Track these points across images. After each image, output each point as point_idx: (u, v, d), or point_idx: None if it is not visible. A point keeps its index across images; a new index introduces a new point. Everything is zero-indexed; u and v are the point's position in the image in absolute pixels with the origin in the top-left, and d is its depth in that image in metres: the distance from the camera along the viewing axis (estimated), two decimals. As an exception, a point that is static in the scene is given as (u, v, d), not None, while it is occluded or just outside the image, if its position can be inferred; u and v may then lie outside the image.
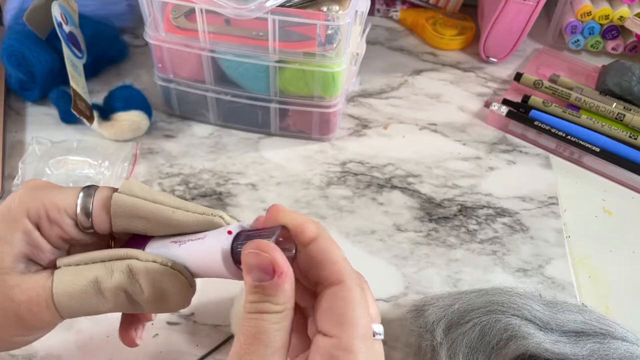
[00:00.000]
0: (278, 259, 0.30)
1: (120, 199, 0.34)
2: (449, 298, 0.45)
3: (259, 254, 0.30)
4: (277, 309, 0.29)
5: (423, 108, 0.66)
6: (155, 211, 0.34)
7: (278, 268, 0.29)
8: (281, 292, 0.30)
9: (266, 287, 0.29)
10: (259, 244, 0.30)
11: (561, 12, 0.72)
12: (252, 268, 0.30)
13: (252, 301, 0.30)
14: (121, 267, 0.33)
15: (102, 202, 0.34)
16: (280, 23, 0.50)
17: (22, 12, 0.58)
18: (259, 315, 0.29)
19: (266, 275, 0.29)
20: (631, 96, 0.64)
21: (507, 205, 0.56)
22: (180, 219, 0.34)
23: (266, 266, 0.29)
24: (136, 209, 0.34)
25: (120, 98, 0.59)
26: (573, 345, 0.41)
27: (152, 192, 0.35)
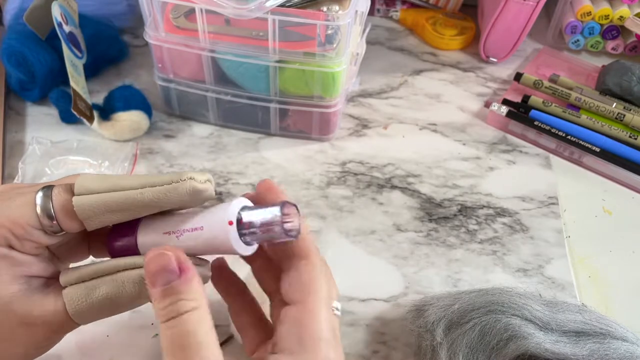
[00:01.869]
0: (182, 256, 0.29)
1: (81, 202, 0.32)
2: (449, 298, 0.45)
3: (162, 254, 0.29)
4: (193, 305, 0.29)
5: (423, 108, 0.66)
6: (121, 201, 0.32)
7: (182, 264, 0.29)
8: (192, 286, 0.29)
9: (175, 285, 0.29)
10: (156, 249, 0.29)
11: (561, 12, 0.72)
12: (157, 273, 0.29)
13: (164, 307, 0.29)
14: (133, 278, 0.32)
15: (63, 208, 0.32)
16: (280, 23, 0.50)
17: (22, 12, 0.58)
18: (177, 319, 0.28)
19: (173, 275, 0.29)
20: (631, 96, 0.64)
21: (507, 205, 0.56)
22: (151, 198, 0.31)
23: (171, 266, 0.29)
24: (102, 206, 0.32)
25: (120, 98, 0.59)
26: (573, 345, 0.41)
27: (110, 179, 0.32)
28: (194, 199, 0.32)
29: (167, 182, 0.31)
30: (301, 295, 0.32)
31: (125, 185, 0.32)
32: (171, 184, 0.31)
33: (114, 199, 0.31)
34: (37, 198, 0.32)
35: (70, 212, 0.32)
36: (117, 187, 0.32)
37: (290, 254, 0.34)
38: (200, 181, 0.32)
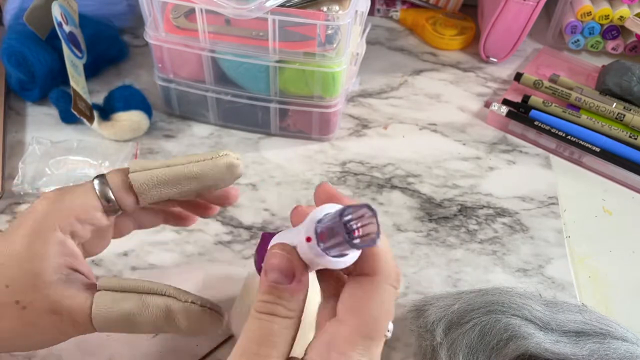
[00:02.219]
0: (300, 267, 0.30)
1: (137, 177, 0.36)
2: (449, 298, 0.45)
3: (284, 255, 0.30)
4: (288, 314, 0.29)
5: (423, 108, 0.66)
6: (171, 174, 0.36)
7: (298, 275, 0.30)
8: (295, 298, 0.30)
9: (282, 290, 0.29)
10: (285, 247, 0.30)
11: (561, 12, 0.72)
12: (272, 268, 0.30)
13: (265, 301, 0.30)
14: (158, 305, 0.35)
15: (121, 186, 0.36)
16: (280, 23, 0.50)
17: (22, 12, 0.58)
18: (269, 317, 0.29)
19: (285, 279, 0.29)
20: (631, 96, 0.64)
21: (507, 205, 0.56)
22: (195, 170, 0.36)
23: (287, 270, 0.29)
24: (155, 179, 0.36)
25: (120, 98, 0.59)
26: (573, 345, 0.41)
27: (158, 160, 0.37)
28: (229, 173, 0.37)
29: (208, 157, 0.37)
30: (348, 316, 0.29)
31: (172, 162, 0.37)
32: (212, 159, 0.37)
33: (165, 172, 0.36)
34: (95, 184, 0.36)
35: (127, 189, 0.36)
36: (166, 165, 0.37)
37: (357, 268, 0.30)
38: (235, 157, 0.37)
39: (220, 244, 0.52)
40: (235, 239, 0.52)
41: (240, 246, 0.52)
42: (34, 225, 0.35)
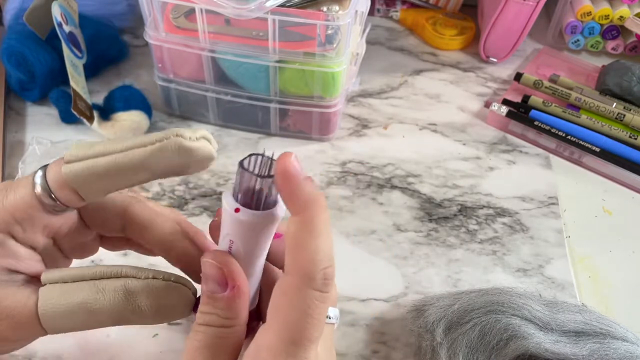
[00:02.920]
0: (233, 272, 0.28)
1: (69, 170, 0.30)
2: (449, 298, 0.45)
3: (213, 264, 0.28)
4: (224, 322, 0.28)
5: (423, 108, 0.66)
6: (107, 165, 0.29)
7: (231, 281, 0.28)
8: (232, 306, 0.28)
9: (217, 299, 0.28)
10: (215, 254, 0.29)
11: (561, 12, 0.72)
12: (206, 278, 0.29)
13: (202, 311, 0.29)
14: (115, 287, 0.31)
15: (56, 179, 0.30)
16: (280, 23, 0.50)
17: (22, 12, 0.58)
18: (206, 328, 0.28)
19: (219, 287, 0.28)
20: (631, 96, 0.64)
21: (507, 205, 0.56)
22: (137, 159, 0.29)
23: (219, 277, 0.28)
24: (89, 171, 0.29)
25: (120, 98, 0.59)
26: (573, 345, 0.41)
27: (99, 145, 0.30)
28: (186, 158, 0.29)
29: (152, 141, 0.29)
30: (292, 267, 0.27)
31: (113, 149, 0.30)
32: (155, 143, 0.29)
33: (100, 163, 0.29)
34: (36, 177, 0.31)
35: (63, 183, 0.30)
36: (105, 152, 0.30)
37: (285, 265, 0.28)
38: (189, 138, 0.29)
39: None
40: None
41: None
42: None
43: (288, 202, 0.27)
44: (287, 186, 0.26)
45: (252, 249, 0.29)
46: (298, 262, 0.26)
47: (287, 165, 0.26)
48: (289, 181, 0.26)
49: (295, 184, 0.26)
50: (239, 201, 0.28)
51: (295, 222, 0.26)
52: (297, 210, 0.26)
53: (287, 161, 0.26)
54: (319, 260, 0.26)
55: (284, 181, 0.26)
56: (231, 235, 0.29)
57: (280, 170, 0.26)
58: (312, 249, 0.26)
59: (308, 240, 0.26)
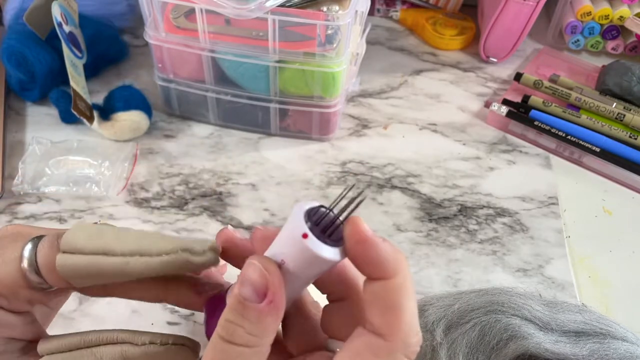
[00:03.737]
0: (276, 285, 0.25)
1: (63, 262, 0.28)
2: (449, 298, 0.45)
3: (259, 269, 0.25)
4: (248, 340, 0.25)
5: (423, 108, 0.66)
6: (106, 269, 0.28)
7: (270, 295, 0.25)
8: (262, 322, 0.25)
9: (248, 308, 0.25)
10: (264, 260, 0.26)
11: (561, 12, 0.72)
12: (245, 281, 0.25)
13: (227, 320, 0.25)
14: (113, 356, 0.29)
15: (47, 266, 0.28)
16: (280, 23, 0.50)
17: (22, 12, 0.58)
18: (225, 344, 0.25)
19: (255, 296, 0.25)
20: (631, 96, 0.64)
21: (507, 205, 0.56)
22: (138, 270, 0.27)
23: (260, 285, 0.25)
24: (85, 270, 0.28)
25: (120, 98, 0.59)
26: (573, 345, 0.41)
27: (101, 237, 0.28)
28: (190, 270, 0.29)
29: (158, 252, 0.28)
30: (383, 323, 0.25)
31: (115, 248, 0.28)
32: (162, 255, 0.27)
33: (99, 265, 0.28)
34: (24, 251, 0.29)
35: (54, 270, 0.28)
36: (106, 250, 0.28)
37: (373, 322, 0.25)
38: (198, 252, 0.28)
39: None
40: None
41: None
42: None
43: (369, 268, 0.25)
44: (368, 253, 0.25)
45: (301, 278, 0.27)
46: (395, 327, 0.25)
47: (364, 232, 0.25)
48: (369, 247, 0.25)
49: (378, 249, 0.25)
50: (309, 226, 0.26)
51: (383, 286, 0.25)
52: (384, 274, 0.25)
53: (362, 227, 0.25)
54: (415, 325, 0.25)
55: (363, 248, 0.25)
56: (285, 256, 0.26)
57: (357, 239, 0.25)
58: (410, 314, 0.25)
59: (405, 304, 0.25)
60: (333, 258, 0.26)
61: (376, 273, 0.25)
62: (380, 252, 0.25)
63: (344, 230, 0.26)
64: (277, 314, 0.25)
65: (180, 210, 0.54)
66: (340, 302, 0.29)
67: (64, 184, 0.55)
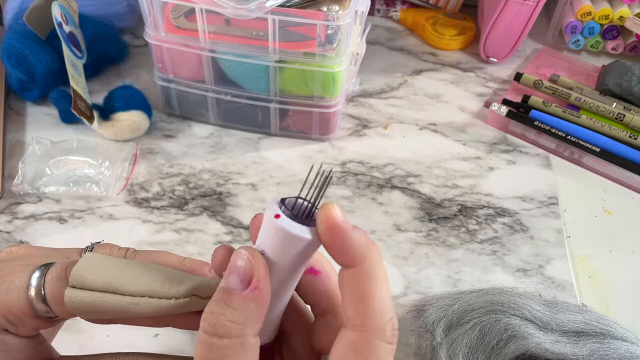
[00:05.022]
0: (260, 272, 0.25)
1: (72, 298, 0.28)
2: (449, 298, 0.45)
3: (245, 256, 0.26)
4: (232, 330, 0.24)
5: (423, 108, 0.66)
6: (113, 308, 0.28)
7: (255, 282, 0.25)
8: (246, 308, 0.24)
9: (232, 295, 0.24)
10: (249, 249, 0.26)
11: (561, 12, 0.72)
12: (232, 271, 0.25)
13: (210, 311, 0.25)
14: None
15: (55, 298, 0.29)
16: (280, 23, 0.50)
17: (22, 12, 0.58)
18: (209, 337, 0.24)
19: (240, 284, 0.25)
20: (631, 96, 0.64)
21: (507, 205, 0.56)
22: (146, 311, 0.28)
23: (245, 273, 0.25)
24: (92, 307, 0.28)
25: (120, 98, 0.59)
26: (573, 345, 0.41)
27: (110, 272, 0.28)
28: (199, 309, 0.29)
29: (168, 295, 0.28)
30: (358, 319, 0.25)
31: (123, 286, 0.28)
32: (172, 299, 0.28)
33: (107, 304, 0.28)
34: (32, 279, 0.29)
35: (62, 303, 0.28)
36: (114, 288, 0.28)
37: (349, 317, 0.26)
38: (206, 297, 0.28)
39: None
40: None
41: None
42: None
43: (339, 255, 0.25)
44: (337, 239, 0.25)
45: (283, 266, 0.27)
46: (365, 315, 0.25)
47: (334, 217, 0.25)
48: (338, 234, 0.25)
49: (346, 236, 0.25)
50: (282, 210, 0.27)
51: (352, 275, 0.25)
52: (353, 262, 0.25)
53: (332, 213, 0.25)
54: (387, 311, 0.25)
55: (332, 234, 0.25)
56: (265, 244, 0.27)
57: (327, 223, 0.25)
58: (378, 300, 0.25)
59: (373, 292, 0.25)
60: (304, 235, 0.26)
61: (345, 261, 0.25)
62: (349, 239, 0.25)
63: (317, 214, 0.25)
64: (261, 300, 0.25)
65: (180, 210, 0.54)
66: (325, 316, 0.29)
67: (64, 184, 0.55)
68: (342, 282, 0.25)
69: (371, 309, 0.25)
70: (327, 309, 0.29)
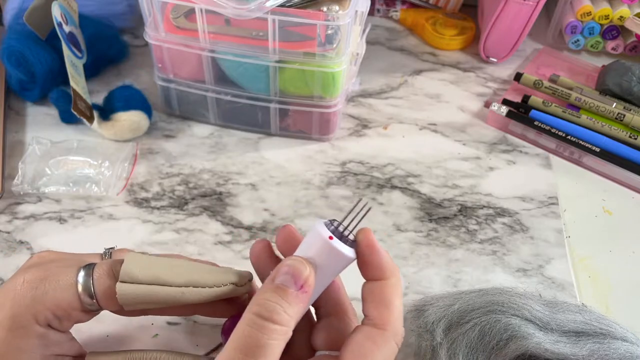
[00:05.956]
0: (311, 278, 0.30)
1: (123, 292, 0.32)
2: (449, 298, 0.45)
3: (302, 262, 0.31)
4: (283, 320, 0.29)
5: (423, 108, 0.66)
6: (163, 298, 0.32)
7: (307, 286, 0.30)
8: (297, 305, 0.30)
9: (287, 292, 0.29)
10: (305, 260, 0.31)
11: (561, 12, 0.72)
12: (284, 272, 0.30)
13: (266, 299, 0.29)
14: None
15: (105, 293, 0.33)
16: (280, 23, 0.50)
17: (22, 12, 0.58)
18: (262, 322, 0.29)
19: (292, 284, 0.30)
20: (631, 96, 0.64)
21: (507, 205, 0.56)
22: (192, 299, 0.33)
23: (298, 277, 0.30)
24: (144, 299, 0.32)
25: (120, 98, 0.59)
26: (573, 345, 0.41)
27: (155, 267, 0.33)
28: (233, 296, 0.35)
29: (210, 284, 0.33)
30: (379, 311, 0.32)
31: (169, 279, 0.33)
32: (213, 287, 0.33)
33: (156, 294, 0.32)
34: (79, 277, 0.33)
35: (112, 297, 0.33)
36: (162, 280, 0.32)
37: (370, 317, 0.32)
38: (241, 284, 0.34)
39: (220, 244, 0.52)
40: (235, 239, 0.52)
41: (240, 246, 0.52)
42: (12, 319, 0.32)
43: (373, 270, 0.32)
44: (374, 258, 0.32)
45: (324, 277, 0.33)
46: (388, 318, 0.31)
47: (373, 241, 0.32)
48: (376, 254, 0.32)
49: (381, 256, 0.32)
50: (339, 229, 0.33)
51: (381, 285, 0.32)
52: (383, 276, 0.32)
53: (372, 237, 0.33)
54: (402, 319, 0.32)
55: (371, 253, 0.32)
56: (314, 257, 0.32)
57: (367, 243, 0.32)
58: (399, 309, 0.32)
59: (396, 301, 0.32)
60: (352, 256, 0.32)
61: (376, 274, 0.32)
62: (382, 258, 0.32)
63: (357, 236, 0.33)
64: (306, 302, 0.30)
65: (180, 210, 0.54)
66: (330, 318, 0.34)
67: (64, 184, 0.55)
68: (370, 291, 0.32)
69: (393, 314, 0.31)
70: (332, 313, 0.35)
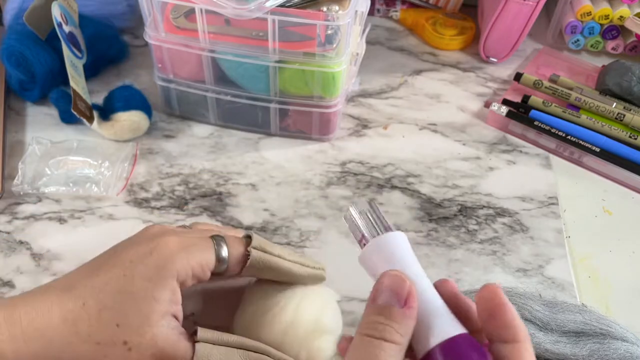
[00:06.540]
0: (413, 293, 0.30)
1: (258, 257, 0.38)
2: (449, 298, 0.44)
3: (401, 278, 0.30)
4: (396, 339, 0.28)
5: (423, 108, 0.66)
6: (284, 268, 0.39)
7: (411, 301, 0.29)
8: (406, 323, 0.29)
9: (394, 312, 0.29)
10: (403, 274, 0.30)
11: (561, 12, 0.72)
12: (385, 290, 0.30)
13: (372, 321, 0.29)
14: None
15: (237, 258, 0.37)
16: (280, 23, 0.50)
17: (22, 12, 0.58)
18: (377, 341, 0.28)
19: (396, 302, 0.29)
20: (631, 96, 0.64)
21: (507, 205, 0.56)
22: (298, 272, 0.39)
23: (401, 293, 0.29)
24: (269, 265, 0.38)
25: (120, 98, 0.59)
26: (573, 345, 0.41)
27: (274, 246, 0.39)
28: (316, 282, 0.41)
29: (311, 266, 0.40)
30: None
31: (285, 255, 0.39)
32: (313, 269, 0.40)
33: (278, 265, 0.38)
34: (213, 245, 0.37)
35: (240, 262, 0.37)
36: (281, 256, 0.39)
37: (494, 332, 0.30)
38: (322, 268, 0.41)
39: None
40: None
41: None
42: (157, 271, 0.34)
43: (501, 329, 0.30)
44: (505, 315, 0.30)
45: None
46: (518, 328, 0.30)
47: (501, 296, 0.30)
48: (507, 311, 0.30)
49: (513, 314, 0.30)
50: None
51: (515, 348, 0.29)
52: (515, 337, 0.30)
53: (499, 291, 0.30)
54: None
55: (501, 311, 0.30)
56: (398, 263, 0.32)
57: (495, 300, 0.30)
58: None
59: None
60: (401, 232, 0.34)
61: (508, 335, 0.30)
62: (515, 317, 0.30)
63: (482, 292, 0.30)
64: (414, 316, 0.30)
65: (180, 211, 0.54)
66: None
67: (64, 184, 0.55)
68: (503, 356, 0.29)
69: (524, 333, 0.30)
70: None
